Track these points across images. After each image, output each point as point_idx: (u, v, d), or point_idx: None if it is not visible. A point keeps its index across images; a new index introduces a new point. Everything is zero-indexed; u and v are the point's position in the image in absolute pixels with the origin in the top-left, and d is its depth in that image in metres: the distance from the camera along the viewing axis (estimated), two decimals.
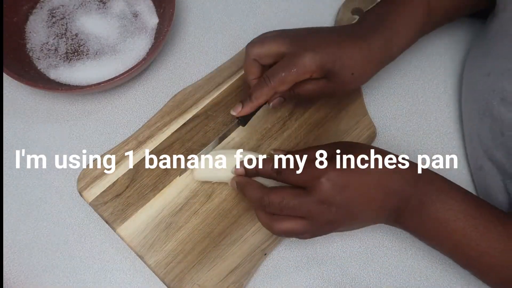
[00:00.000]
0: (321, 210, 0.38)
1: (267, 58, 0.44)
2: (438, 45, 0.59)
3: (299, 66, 0.42)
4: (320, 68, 0.42)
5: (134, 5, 0.58)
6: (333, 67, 0.42)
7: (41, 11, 0.57)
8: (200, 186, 0.48)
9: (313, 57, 0.41)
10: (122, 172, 0.48)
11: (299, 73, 0.42)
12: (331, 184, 0.37)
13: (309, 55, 0.41)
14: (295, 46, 0.43)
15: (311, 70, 0.42)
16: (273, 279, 0.46)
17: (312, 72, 0.42)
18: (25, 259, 0.47)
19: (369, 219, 0.41)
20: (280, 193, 0.39)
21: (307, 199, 0.38)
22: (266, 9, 0.61)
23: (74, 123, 0.53)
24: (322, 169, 0.38)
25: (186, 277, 0.44)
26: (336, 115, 0.53)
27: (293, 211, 0.39)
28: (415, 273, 0.47)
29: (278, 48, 0.43)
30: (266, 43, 0.44)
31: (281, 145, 0.51)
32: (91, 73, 0.53)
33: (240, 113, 0.45)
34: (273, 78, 0.42)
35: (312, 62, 0.41)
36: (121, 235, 0.45)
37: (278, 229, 0.40)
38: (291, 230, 0.39)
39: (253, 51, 0.44)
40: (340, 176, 0.38)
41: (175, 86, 0.55)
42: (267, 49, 0.44)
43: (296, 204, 0.38)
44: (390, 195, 0.39)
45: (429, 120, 0.55)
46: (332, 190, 0.37)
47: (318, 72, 0.42)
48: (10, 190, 0.49)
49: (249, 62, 0.45)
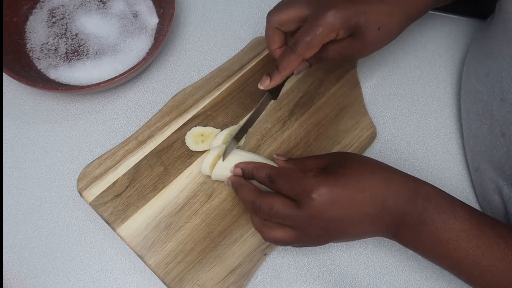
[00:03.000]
0: (310, 224, 0.37)
1: (289, 24, 0.43)
2: (438, 45, 0.59)
3: (323, 26, 0.40)
4: (346, 24, 0.40)
5: (134, 5, 0.58)
6: (358, 22, 0.40)
7: (41, 11, 0.57)
8: (200, 186, 0.48)
9: (336, 14, 0.40)
10: (122, 172, 0.48)
11: (324, 34, 0.40)
12: (321, 200, 0.36)
13: (332, 13, 0.40)
14: (316, 7, 0.41)
15: (336, 28, 0.40)
16: (273, 279, 0.46)
17: (338, 30, 0.41)
18: (25, 259, 0.47)
19: (364, 234, 0.40)
20: (271, 201, 0.38)
21: (297, 212, 0.37)
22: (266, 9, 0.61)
23: (74, 123, 0.53)
24: (313, 184, 0.37)
25: (186, 277, 0.44)
26: (336, 115, 0.53)
27: (282, 220, 0.38)
28: (415, 273, 0.47)
29: (299, 12, 0.42)
30: (285, 9, 0.43)
31: (281, 145, 0.51)
32: (91, 73, 0.53)
33: (269, 86, 0.43)
34: (299, 44, 0.41)
35: (336, 20, 0.40)
36: (121, 235, 0.45)
37: (267, 236, 0.40)
38: (279, 238, 0.39)
39: (274, 19, 0.43)
40: (331, 193, 0.36)
41: (175, 86, 0.55)
42: (287, 15, 0.42)
43: (285, 214, 0.37)
44: (385, 211, 0.38)
45: (429, 120, 0.55)
46: (322, 206, 0.36)
47: (343, 29, 0.41)
48: (10, 190, 0.49)
49: (271, 31, 0.44)
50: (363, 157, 0.41)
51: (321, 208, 0.36)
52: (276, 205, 0.38)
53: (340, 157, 0.41)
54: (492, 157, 0.46)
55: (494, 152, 0.46)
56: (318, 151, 0.51)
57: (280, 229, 0.39)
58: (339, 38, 0.42)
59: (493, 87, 0.46)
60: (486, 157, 0.47)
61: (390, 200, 0.37)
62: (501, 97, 0.44)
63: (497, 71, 0.46)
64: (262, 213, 0.39)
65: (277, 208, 0.38)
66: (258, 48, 0.56)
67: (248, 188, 0.41)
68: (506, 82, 0.44)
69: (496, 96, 0.45)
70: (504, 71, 0.44)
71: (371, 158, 0.41)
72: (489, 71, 0.47)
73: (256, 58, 0.55)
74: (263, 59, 0.55)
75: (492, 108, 0.46)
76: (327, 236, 0.39)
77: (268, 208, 0.38)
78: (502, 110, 0.44)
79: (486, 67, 0.48)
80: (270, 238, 0.40)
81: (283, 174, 0.39)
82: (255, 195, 0.40)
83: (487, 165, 0.47)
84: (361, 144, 0.52)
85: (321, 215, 0.37)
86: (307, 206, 0.36)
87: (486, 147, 0.47)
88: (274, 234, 0.39)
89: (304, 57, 0.42)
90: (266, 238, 0.40)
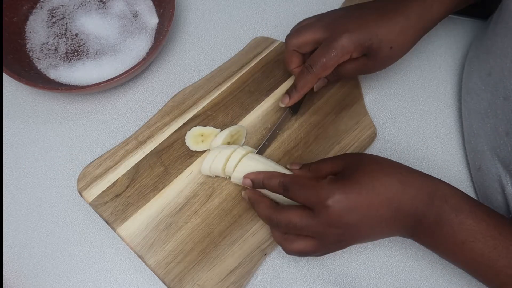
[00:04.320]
0: (329, 232, 0.38)
1: (306, 47, 0.46)
2: (438, 45, 0.59)
3: (337, 49, 0.43)
4: (359, 46, 0.43)
5: (134, 5, 0.58)
6: (371, 44, 0.43)
7: (41, 11, 0.57)
8: (200, 186, 0.48)
9: (350, 37, 0.43)
10: (122, 172, 0.48)
11: (339, 56, 0.43)
12: (337, 207, 0.36)
13: (346, 36, 0.43)
14: (331, 30, 0.44)
15: (350, 50, 0.43)
16: (273, 279, 0.46)
17: (351, 52, 0.43)
18: (25, 259, 0.47)
19: (381, 235, 0.40)
20: (288, 215, 0.39)
21: (314, 221, 0.37)
22: (266, 9, 0.61)
23: (74, 123, 0.53)
24: (328, 192, 0.37)
25: (186, 277, 0.44)
26: (336, 115, 0.53)
27: (301, 232, 0.39)
28: (415, 273, 0.47)
29: (314, 35, 0.45)
30: (302, 33, 0.46)
31: (281, 145, 0.51)
32: (91, 73, 0.53)
33: (289, 103, 0.48)
34: (315, 65, 0.44)
35: (350, 43, 0.43)
36: (121, 235, 0.45)
37: (290, 249, 0.40)
38: (301, 250, 0.40)
39: (292, 42, 0.46)
40: (347, 200, 0.37)
41: (175, 86, 0.55)
42: (304, 39, 0.46)
43: (304, 225, 0.38)
44: (401, 213, 0.38)
45: (429, 120, 0.55)
46: (339, 212, 0.37)
47: (357, 51, 0.43)
48: (10, 190, 0.49)
49: (289, 53, 0.47)
50: (377, 158, 0.41)
51: (337, 215, 0.37)
52: (293, 219, 0.38)
53: (355, 159, 0.41)
54: (496, 156, 0.46)
55: (498, 151, 0.46)
56: (318, 151, 0.51)
57: (301, 240, 0.39)
58: (354, 57, 0.45)
59: (496, 86, 0.46)
60: (489, 156, 0.47)
61: (406, 203, 0.38)
62: (504, 96, 0.44)
63: (499, 70, 0.45)
64: (281, 228, 0.40)
65: (294, 221, 0.38)
66: (258, 48, 0.56)
67: (265, 205, 0.42)
68: (509, 80, 0.43)
69: (499, 95, 0.45)
70: (507, 69, 0.44)
71: (385, 159, 0.41)
72: (492, 70, 0.47)
73: (256, 58, 0.55)
74: (263, 59, 0.55)
75: (496, 107, 0.46)
76: (346, 241, 0.39)
77: (286, 223, 0.39)
78: (506, 109, 0.44)
79: (488, 65, 0.48)
80: (292, 251, 0.40)
81: (296, 183, 0.39)
82: (272, 212, 0.40)
83: (489, 164, 0.47)
84: (361, 144, 0.52)
85: (338, 222, 0.37)
86: (323, 214, 0.37)
87: (489, 146, 0.47)
88: (296, 246, 0.40)
89: (319, 77, 0.45)
90: (288, 251, 0.41)
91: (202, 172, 0.48)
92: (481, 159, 0.48)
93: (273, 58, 0.56)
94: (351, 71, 0.46)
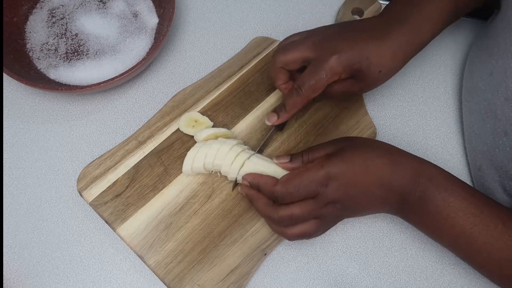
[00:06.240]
0: (329, 210, 0.40)
1: (293, 65, 0.45)
2: (438, 45, 0.59)
3: (327, 70, 0.42)
4: (348, 68, 0.42)
5: (134, 5, 0.58)
6: (360, 67, 0.42)
7: (41, 11, 0.57)
8: (200, 186, 0.48)
9: (339, 58, 0.42)
10: (122, 172, 0.48)
11: (328, 77, 0.42)
12: (337, 184, 0.39)
13: (335, 58, 0.42)
14: (320, 50, 0.43)
15: (339, 72, 0.42)
16: (273, 279, 0.46)
17: (340, 74, 0.43)
18: (25, 259, 0.47)
19: (371, 210, 0.43)
20: (288, 211, 0.40)
21: (315, 205, 0.40)
22: (266, 9, 0.61)
23: (74, 123, 0.53)
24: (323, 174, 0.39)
25: (186, 277, 0.44)
26: (336, 115, 0.53)
27: (304, 219, 0.40)
28: (415, 273, 0.47)
29: (302, 54, 0.44)
30: (290, 51, 0.44)
31: (281, 145, 0.51)
32: (91, 73, 0.53)
33: (276, 122, 0.46)
34: (304, 87, 0.43)
35: (339, 64, 0.42)
36: (121, 235, 0.45)
37: (291, 234, 0.41)
38: (304, 232, 0.41)
39: (279, 59, 0.45)
40: (344, 177, 0.39)
41: (175, 86, 0.55)
42: (291, 57, 0.44)
43: (306, 214, 0.40)
44: (391, 191, 0.41)
45: (429, 120, 0.55)
46: (337, 190, 0.39)
47: (345, 72, 0.43)
48: (10, 190, 0.49)
49: (276, 69, 0.46)
50: (369, 141, 0.44)
51: (335, 193, 0.39)
52: (295, 212, 0.40)
53: (347, 143, 0.43)
54: (495, 157, 0.46)
55: (496, 151, 0.46)
56: None
57: (301, 224, 0.41)
58: (342, 78, 0.44)
59: (497, 86, 0.46)
60: (489, 156, 0.47)
61: (395, 182, 0.40)
62: (505, 97, 0.44)
63: (501, 70, 0.45)
64: (283, 222, 0.41)
65: (297, 214, 0.40)
66: (258, 48, 0.56)
67: (262, 202, 0.42)
68: (511, 81, 0.43)
69: (500, 95, 0.45)
70: (509, 70, 0.44)
71: (376, 141, 0.43)
72: (493, 70, 0.47)
73: (256, 58, 0.55)
74: (263, 59, 0.55)
75: (496, 107, 0.46)
76: (342, 215, 0.42)
77: (288, 218, 0.40)
78: (506, 110, 0.44)
79: (489, 66, 0.48)
80: (294, 235, 0.41)
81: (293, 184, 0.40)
82: (270, 210, 0.41)
83: (489, 164, 0.47)
84: None
85: (337, 198, 0.40)
86: (324, 196, 0.39)
87: (488, 146, 0.47)
88: (297, 230, 0.41)
89: (309, 98, 0.44)
90: (290, 237, 0.42)
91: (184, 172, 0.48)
92: (482, 159, 0.48)
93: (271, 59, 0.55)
94: (338, 91, 0.45)
